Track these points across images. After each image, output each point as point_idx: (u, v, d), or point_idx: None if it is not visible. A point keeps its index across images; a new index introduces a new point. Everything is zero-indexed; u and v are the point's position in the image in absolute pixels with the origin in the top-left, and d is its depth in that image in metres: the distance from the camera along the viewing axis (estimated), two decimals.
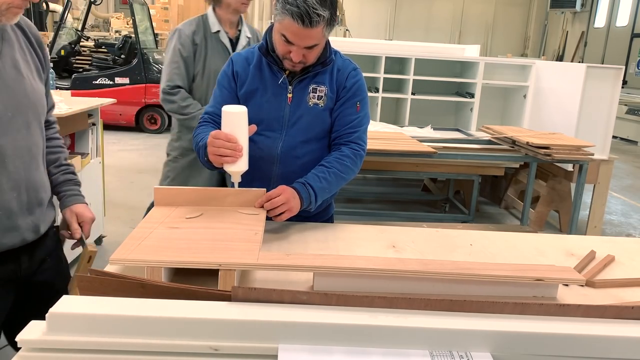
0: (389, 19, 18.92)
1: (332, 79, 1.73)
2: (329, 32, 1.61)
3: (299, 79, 1.71)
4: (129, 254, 1.17)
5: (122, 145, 6.80)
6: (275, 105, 1.72)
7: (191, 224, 1.40)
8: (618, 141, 10.25)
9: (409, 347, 0.89)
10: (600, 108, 4.40)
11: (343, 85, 1.73)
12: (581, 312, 0.96)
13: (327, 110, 1.74)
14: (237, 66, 1.75)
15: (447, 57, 5.37)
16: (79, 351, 0.86)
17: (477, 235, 1.68)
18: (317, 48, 1.62)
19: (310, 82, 1.71)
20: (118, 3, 17.89)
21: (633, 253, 1.59)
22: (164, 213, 1.46)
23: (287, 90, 1.71)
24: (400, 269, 1.17)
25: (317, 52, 1.65)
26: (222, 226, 1.39)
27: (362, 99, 1.77)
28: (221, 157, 1.49)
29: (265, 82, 1.72)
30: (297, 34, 1.55)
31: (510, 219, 4.96)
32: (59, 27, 8.31)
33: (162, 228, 1.35)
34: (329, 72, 1.73)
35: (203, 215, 1.46)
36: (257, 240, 1.30)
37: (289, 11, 1.51)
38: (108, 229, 3.99)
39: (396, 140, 3.79)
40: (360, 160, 1.77)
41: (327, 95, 1.72)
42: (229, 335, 0.88)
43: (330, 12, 1.53)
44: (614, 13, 16.10)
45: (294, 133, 1.73)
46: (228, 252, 1.21)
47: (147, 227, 1.34)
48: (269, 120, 1.72)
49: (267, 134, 1.73)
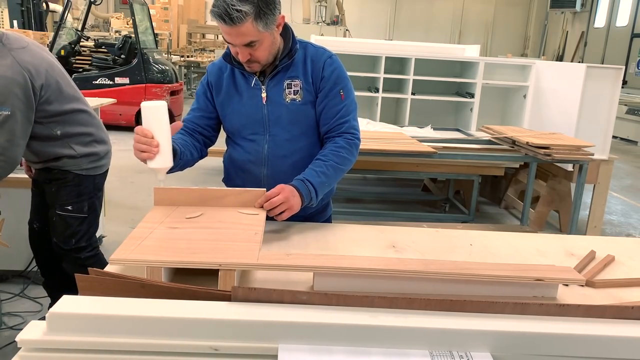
0: (389, 19, 18.93)
1: (307, 70, 1.70)
2: (267, 26, 1.54)
3: (270, 76, 1.69)
4: (129, 253, 1.16)
5: (122, 145, 6.79)
6: (252, 108, 1.71)
7: (191, 224, 1.39)
8: (618, 141, 10.25)
9: (409, 347, 0.89)
10: (600, 108, 4.40)
11: (320, 75, 1.70)
12: (581, 312, 0.96)
13: (307, 104, 1.71)
14: (211, 77, 1.77)
15: (447, 57, 5.37)
16: (79, 351, 0.86)
17: (477, 235, 1.68)
18: (262, 45, 1.57)
19: (284, 78, 1.70)
20: (118, 3, 17.90)
21: (633, 253, 1.59)
22: (164, 213, 1.45)
23: (261, 90, 1.70)
24: (400, 269, 1.17)
25: (265, 49, 1.59)
26: (222, 226, 1.39)
27: (345, 85, 1.74)
28: (140, 152, 1.46)
29: (239, 87, 1.72)
30: (228, 34, 1.54)
31: (510, 219, 4.96)
32: (59, 27, 8.30)
33: (162, 228, 1.34)
34: (301, 63, 1.70)
35: (203, 215, 1.46)
36: (257, 240, 1.30)
37: (213, 13, 1.52)
38: (108, 229, 3.98)
39: (396, 140, 3.79)
40: (356, 149, 1.75)
41: (303, 89, 1.70)
42: (229, 335, 0.88)
43: (253, 5, 1.48)
44: (614, 13, 16.10)
45: (277, 132, 1.72)
46: (228, 252, 1.21)
47: (147, 227, 1.34)
48: (250, 124, 1.72)
49: (252, 137, 1.73)
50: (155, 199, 1.53)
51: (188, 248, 1.22)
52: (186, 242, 1.26)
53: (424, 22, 18.86)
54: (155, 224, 1.37)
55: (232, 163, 1.81)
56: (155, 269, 1.13)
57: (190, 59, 13.33)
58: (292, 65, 1.69)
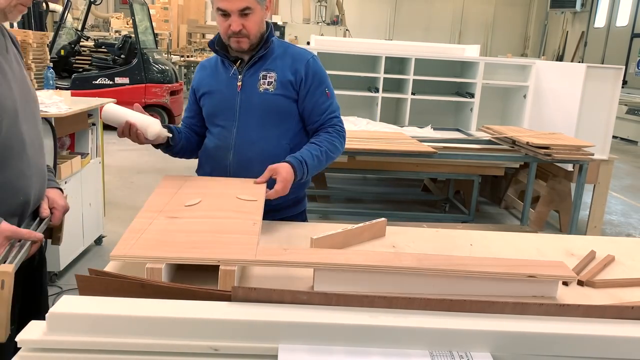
0: (389, 19, 18.92)
1: (285, 65, 1.79)
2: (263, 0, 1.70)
3: (248, 66, 1.78)
4: (129, 249, 1.17)
5: (122, 145, 6.79)
6: (227, 95, 1.80)
7: (190, 212, 1.39)
8: (618, 141, 10.25)
9: (409, 347, 0.89)
10: (600, 108, 4.40)
11: (303, 74, 1.79)
12: (581, 312, 0.96)
13: (279, 96, 1.78)
14: (196, 74, 1.92)
15: (447, 57, 5.37)
16: (79, 351, 0.86)
17: (477, 235, 1.68)
18: (254, 15, 1.69)
19: (260, 70, 1.78)
20: (118, 3, 17.89)
21: (633, 253, 1.59)
22: (163, 200, 1.46)
23: (237, 79, 1.79)
24: (396, 266, 1.18)
25: (256, 22, 1.70)
26: (221, 215, 1.39)
27: (328, 85, 1.85)
28: (138, 141, 1.69)
29: (219, 78, 1.83)
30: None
31: (510, 219, 4.96)
32: (59, 27, 8.30)
33: (162, 218, 1.34)
34: (280, 59, 1.79)
35: (202, 202, 1.46)
36: (256, 232, 1.30)
37: None
38: (108, 229, 3.99)
39: (396, 140, 3.79)
40: (344, 141, 1.86)
41: (277, 81, 1.77)
42: (229, 335, 0.88)
43: None
44: (614, 13, 16.09)
45: (247, 119, 1.79)
46: (227, 247, 1.21)
47: (147, 217, 1.34)
48: (222, 111, 1.82)
49: (222, 123, 1.82)
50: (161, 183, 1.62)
51: (188, 242, 1.22)
52: (185, 234, 1.26)
53: (424, 22, 18.85)
54: (154, 213, 1.37)
55: (203, 151, 1.90)
56: (156, 269, 1.13)
57: (190, 59, 13.32)
58: (269, 58, 1.79)
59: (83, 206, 3.54)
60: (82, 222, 3.53)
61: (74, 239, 3.43)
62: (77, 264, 3.50)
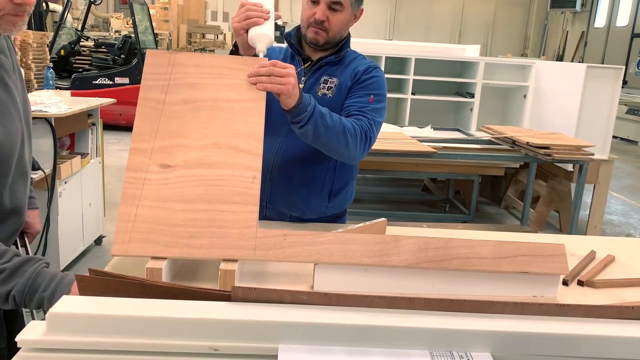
0: (389, 19, 18.93)
1: (348, 71, 1.72)
2: (357, 6, 1.67)
3: (314, 69, 1.73)
4: (127, 244, 1.17)
5: (122, 145, 6.79)
6: None
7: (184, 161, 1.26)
8: (618, 141, 10.25)
9: (409, 347, 0.89)
10: (600, 108, 4.40)
11: (358, 78, 1.71)
12: (581, 312, 0.96)
13: (335, 102, 1.69)
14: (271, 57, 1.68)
15: (447, 57, 5.38)
16: (79, 351, 0.86)
17: (477, 235, 1.68)
18: (341, 14, 1.64)
19: (323, 74, 1.73)
20: (118, 3, 17.89)
21: (633, 253, 1.59)
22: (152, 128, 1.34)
23: (300, 80, 1.72)
24: (394, 265, 1.18)
25: (341, 21, 1.66)
26: (217, 173, 1.26)
27: (378, 94, 1.73)
28: (247, 20, 1.45)
29: None
30: None
31: (510, 219, 4.96)
32: (59, 27, 8.30)
33: (154, 175, 1.25)
34: (345, 66, 1.74)
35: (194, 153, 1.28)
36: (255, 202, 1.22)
37: None
38: (108, 229, 3.99)
39: (396, 140, 3.79)
40: (362, 144, 1.65)
41: (336, 86, 1.72)
42: (229, 335, 0.88)
43: None
44: (614, 13, 16.10)
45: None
46: (226, 238, 1.18)
47: (138, 177, 1.26)
48: (277, 110, 1.55)
49: (274, 118, 1.58)
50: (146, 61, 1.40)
51: (185, 230, 1.19)
52: (182, 213, 1.20)
53: (424, 22, 18.85)
54: (147, 145, 1.28)
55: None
56: (156, 269, 1.13)
57: None
58: (336, 65, 1.74)
59: (83, 206, 3.54)
60: (82, 222, 3.53)
61: (73, 239, 3.43)
62: (77, 264, 3.51)
